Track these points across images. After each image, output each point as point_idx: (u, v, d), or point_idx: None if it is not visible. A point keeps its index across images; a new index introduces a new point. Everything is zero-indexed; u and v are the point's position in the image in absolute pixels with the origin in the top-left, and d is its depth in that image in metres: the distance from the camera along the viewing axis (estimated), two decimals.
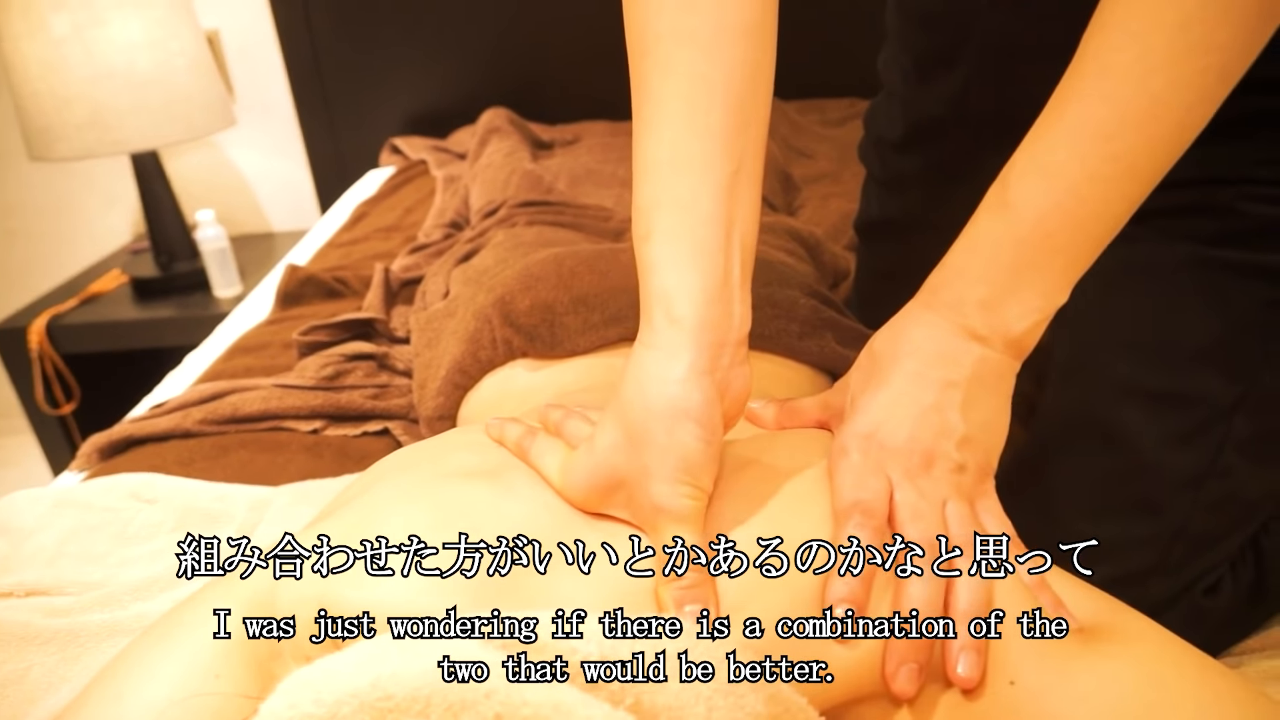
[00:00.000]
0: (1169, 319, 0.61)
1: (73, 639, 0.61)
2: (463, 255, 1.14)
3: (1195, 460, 0.60)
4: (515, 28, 1.84)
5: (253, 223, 2.10)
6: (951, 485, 0.45)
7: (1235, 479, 0.61)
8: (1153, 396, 0.61)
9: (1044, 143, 0.44)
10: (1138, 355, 0.62)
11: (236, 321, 1.26)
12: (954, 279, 0.48)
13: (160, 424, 0.86)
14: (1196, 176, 0.60)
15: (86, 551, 0.70)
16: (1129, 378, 0.61)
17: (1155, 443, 0.60)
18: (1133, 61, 0.41)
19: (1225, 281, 0.59)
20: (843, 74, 1.82)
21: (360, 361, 0.95)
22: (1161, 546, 0.61)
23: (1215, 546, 0.63)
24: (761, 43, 0.45)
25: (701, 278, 0.43)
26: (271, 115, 1.98)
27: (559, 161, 1.57)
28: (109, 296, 1.77)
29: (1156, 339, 0.61)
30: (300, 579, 0.40)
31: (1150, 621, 0.42)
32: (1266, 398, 0.59)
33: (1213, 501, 0.61)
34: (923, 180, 0.84)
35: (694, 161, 0.43)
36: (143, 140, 1.56)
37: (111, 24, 1.52)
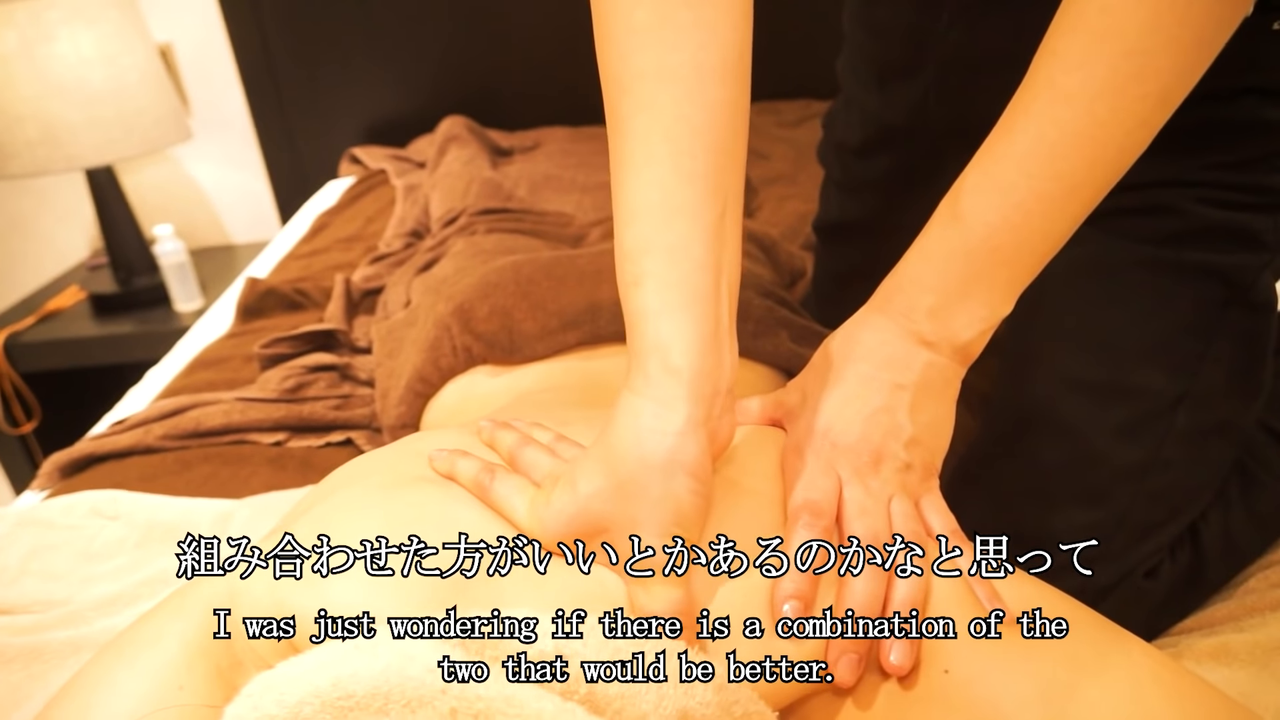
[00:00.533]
0: (1116, 316, 0.63)
1: (37, 656, 0.61)
2: (423, 264, 1.15)
3: (1139, 452, 0.63)
4: (471, 35, 1.85)
5: (212, 235, 2.09)
6: (898, 483, 0.48)
7: (1176, 470, 0.63)
8: (1099, 390, 0.63)
9: (994, 160, 0.46)
10: (1086, 350, 0.64)
11: (197, 336, 1.25)
12: (906, 286, 0.50)
13: (122, 441, 0.86)
14: (1146, 180, 0.62)
15: (49, 570, 0.71)
16: (1077, 372, 0.64)
17: (1101, 434, 0.63)
18: (1078, 87, 0.43)
19: (1171, 281, 0.62)
20: (798, 76, 1.84)
21: (322, 373, 0.96)
22: (1105, 535, 0.64)
23: (1156, 534, 0.66)
24: (741, 82, 0.45)
25: (696, 327, 0.43)
26: (228, 127, 1.97)
27: (518, 168, 1.58)
28: (67, 313, 1.75)
29: (1103, 335, 0.64)
30: (253, 581, 0.41)
31: (1085, 609, 0.44)
32: (1207, 393, 0.62)
33: (1155, 491, 0.64)
34: (882, 185, 0.86)
35: (683, 207, 0.43)
36: (97, 156, 1.55)
37: (60, 40, 1.50)
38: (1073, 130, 0.44)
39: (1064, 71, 0.43)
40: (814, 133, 1.69)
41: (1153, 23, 0.41)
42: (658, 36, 0.42)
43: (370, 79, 1.90)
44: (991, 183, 0.46)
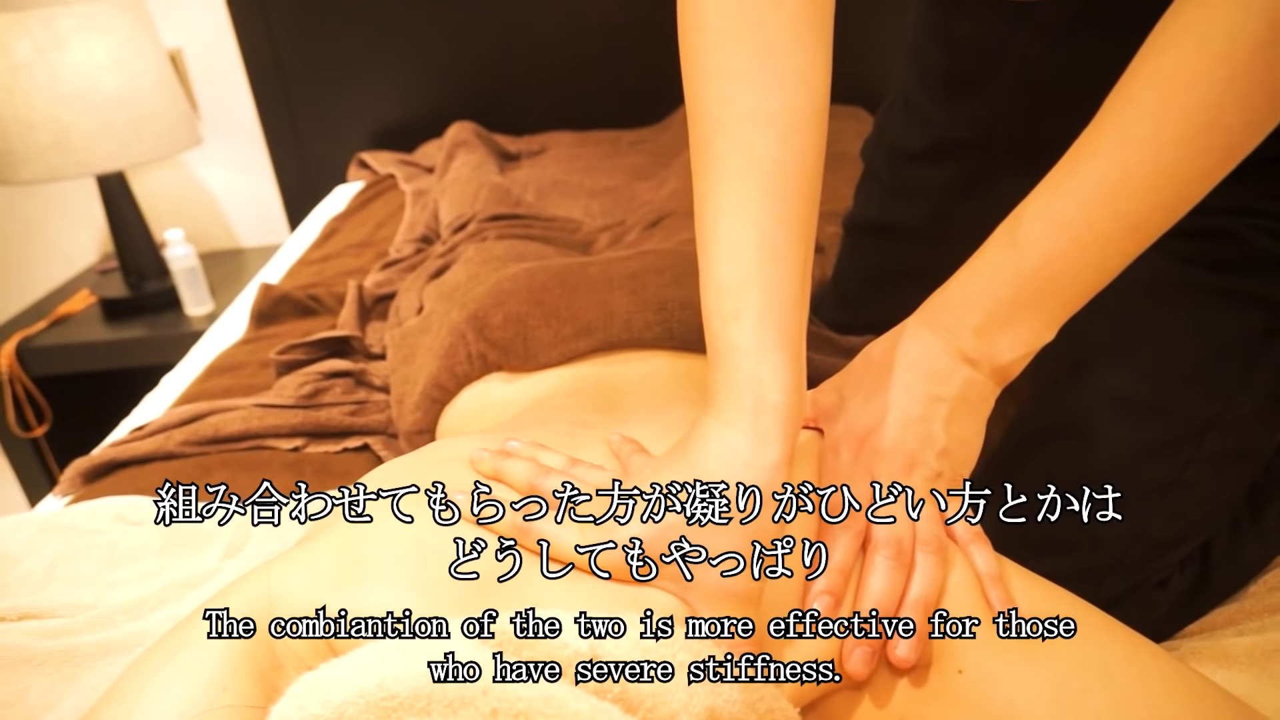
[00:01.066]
0: (1162, 336, 0.65)
1: (68, 659, 0.63)
2: (435, 271, 1.17)
3: (1166, 470, 0.64)
4: (478, 40, 1.87)
5: (222, 240, 2.11)
6: (927, 490, 0.49)
7: (1200, 490, 0.65)
8: (1137, 406, 0.65)
9: (1058, 194, 0.48)
10: (1128, 366, 0.65)
11: (211, 341, 1.27)
12: (955, 303, 0.51)
13: (142, 447, 0.88)
14: (1207, 205, 0.64)
15: (75, 575, 0.72)
16: (1116, 386, 0.65)
17: (1131, 449, 0.64)
18: (1148, 135, 0.44)
19: (1219, 307, 0.63)
20: None
21: (338, 379, 0.97)
22: (1121, 547, 0.65)
23: (1171, 551, 0.67)
24: (824, 130, 0.47)
25: (790, 365, 0.45)
26: (237, 132, 1.99)
27: (526, 173, 1.59)
28: (78, 317, 1.77)
29: (1147, 353, 0.65)
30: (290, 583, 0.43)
31: (1097, 611, 0.45)
32: (1238, 419, 0.63)
33: (1175, 511, 0.65)
34: (934, 194, 0.87)
35: (777, 248, 0.45)
36: (109, 162, 1.56)
37: (74, 47, 1.52)
38: (1138, 175, 0.45)
39: (1136, 119, 0.45)
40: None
41: (1228, 80, 0.42)
42: (756, 82, 0.45)
43: (378, 84, 1.91)
44: (1051, 214, 0.48)
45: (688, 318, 0.77)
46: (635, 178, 1.50)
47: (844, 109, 1.80)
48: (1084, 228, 0.47)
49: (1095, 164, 0.46)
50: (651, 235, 1.16)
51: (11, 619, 0.68)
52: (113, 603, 0.68)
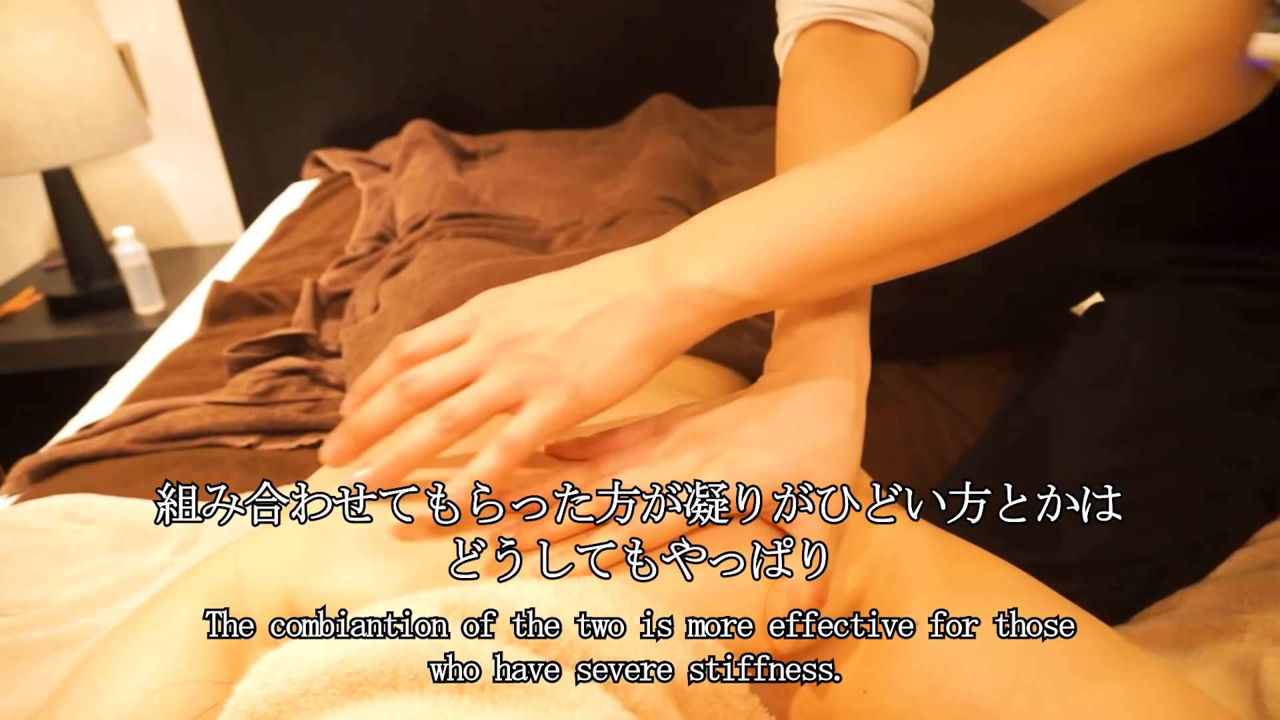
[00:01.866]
0: (1188, 371, 0.66)
1: (16, 655, 0.62)
2: (390, 269, 1.17)
3: (1214, 524, 0.67)
4: (435, 38, 1.86)
5: (173, 237, 2.07)
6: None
7: (1184, 520, 0.67)
8: (1151, 431, 0.66)
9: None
10: (1145, 396, 0.67)
11: (162, 340, 1.25)
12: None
13: (92, 445, 0.87)
14: (1259, 259, 0.66)
15: (25, 572, 0.71)
16: (1141, 414, 0.66)
17: (1189, 502, 0.66)
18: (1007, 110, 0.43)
19: (1254, 356, 0.65)
20: (759, 82, 1.89)
21: (292, 376, 0.97)
22: (1090, 573, 0.66)
23: (1140, 564, 0.68)
24: None
25: None
26: (189, 128, 1.96)
27: (483, 172, 1.59)
28: (23, 316, 1.73)
29: (1174, 389, 0.66)
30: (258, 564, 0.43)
31: (1079, 610, 0.45)
32: (1233, 458, 0.66)
33: (1148, 531, 0.66)
34: None
35: None
36: (55, 157, 1.53)
37: (17, 40, 1.49)
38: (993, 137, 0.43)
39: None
40: (774, 138, 1.74)
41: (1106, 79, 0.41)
42: None
43: (333, 81, 1.90)
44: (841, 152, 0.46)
45: None
46: (592, 178, 1.51)
47: None
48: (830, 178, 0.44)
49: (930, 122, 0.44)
50: (607, 235, 1.17)
51: None
52: (63, 599, 0.67)
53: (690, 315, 0.44)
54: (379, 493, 0.44)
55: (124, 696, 0.38)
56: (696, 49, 1.88)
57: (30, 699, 0.58)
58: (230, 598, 0.43)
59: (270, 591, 0.43)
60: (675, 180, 1.34)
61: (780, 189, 0.46)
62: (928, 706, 0.42)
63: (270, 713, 0.33)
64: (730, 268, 0.44)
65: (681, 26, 1.86)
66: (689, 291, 0.44)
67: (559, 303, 0.45)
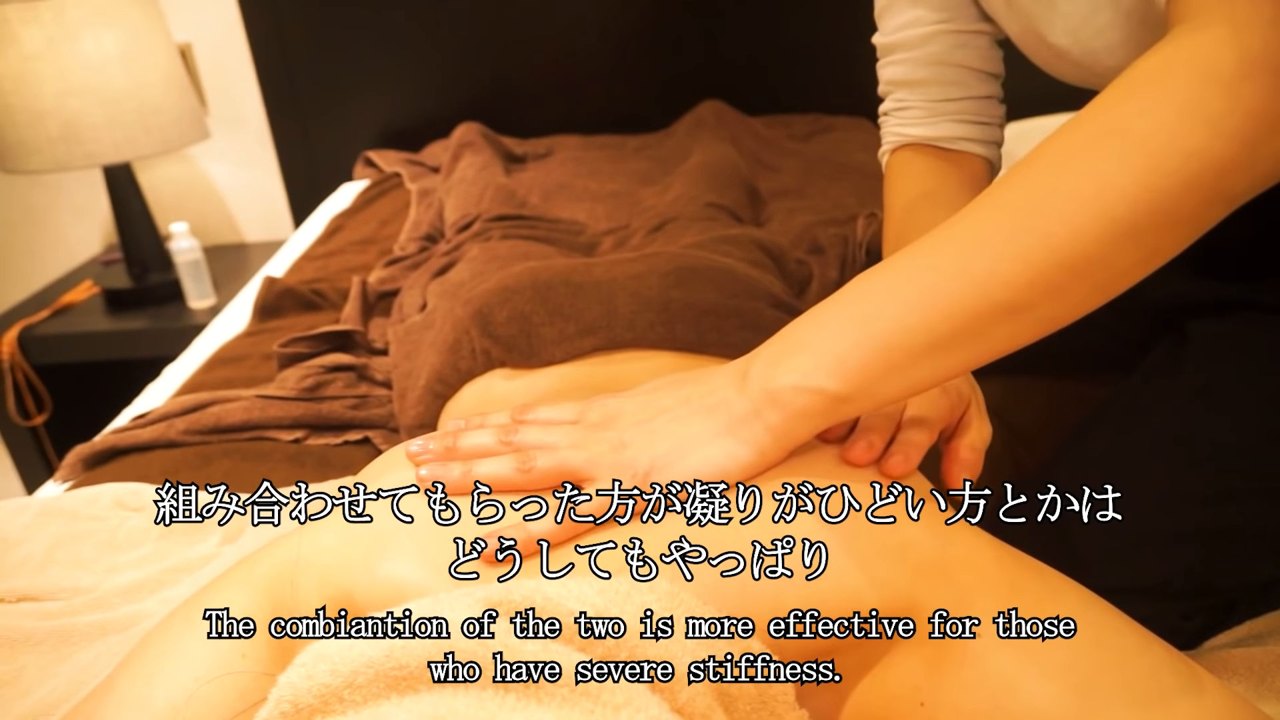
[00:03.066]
0: (1246, 386, 0.64)
1: (64, 639, 0.63)
2: (439, 269, 1.17)
3: (1235, 518, 0.63)
4: (487, 42, 1.88)
5: (225, 234, 2.11)
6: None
7: (1258, 548, 0.64)
8: (1226, 456, 0.63)
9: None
10: (1211, 412, 0.65)
11: (214, 334, 1.27)
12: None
13: (144, 434, 0.88)
14: None
15: (75, 558, 0.72)
16: (1221, 439, 0.64)
17: (1209, 501, 0.63)
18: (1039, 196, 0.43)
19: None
20: (809, 90, 1.87)
21: (340, 373, 0.98)
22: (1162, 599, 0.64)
23: (1216, 593, 0.66)
24: None
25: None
26: (244, 128, 2.00)
27: (531, 175, 1.60)
28: (80, 307, 1.77)
29: (1228, 401, 0.64)
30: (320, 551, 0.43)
31: (1112, 608, 0.45)
32: None
33: (1228, 557, 0.64)
34: None
35: None
36: (116, 153, 1.57)
37: (84, 38, 1.53)
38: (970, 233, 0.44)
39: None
40: (823, 146, 1.72)
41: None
42: None
43: (386, 83, 1.92)
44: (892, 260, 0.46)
45: (691, 319, 0.77)
46: (640, 183, 1.51)
47: (851, 120, 1.81)
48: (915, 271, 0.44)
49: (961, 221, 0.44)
50: (655, 240, 1.17)
51: (10, 601, 0.68)
52: (111, 586, 0.68)
53: (779, 416, 0.45)
54: (379, 493, 0.46)
55: (176, 685, 0.38)
56: (747, 56, 1.87)
57: (78, 682, 0.59)
58: (287, 587, 0.43)
59: (329, 583, 0.43)
60: (724, 187, 1.33)
61: (860, 284, 0.46)
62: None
63: (314, 704, 0.32)
64: (813, 364, 0.44)
65: (733, 33, 1.85)
66: (777, 393, 0.45)
67: (657, 407, 0.48)
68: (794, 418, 0.45)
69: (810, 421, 0.45)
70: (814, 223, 1.31)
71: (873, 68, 0.84)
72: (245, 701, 0.39)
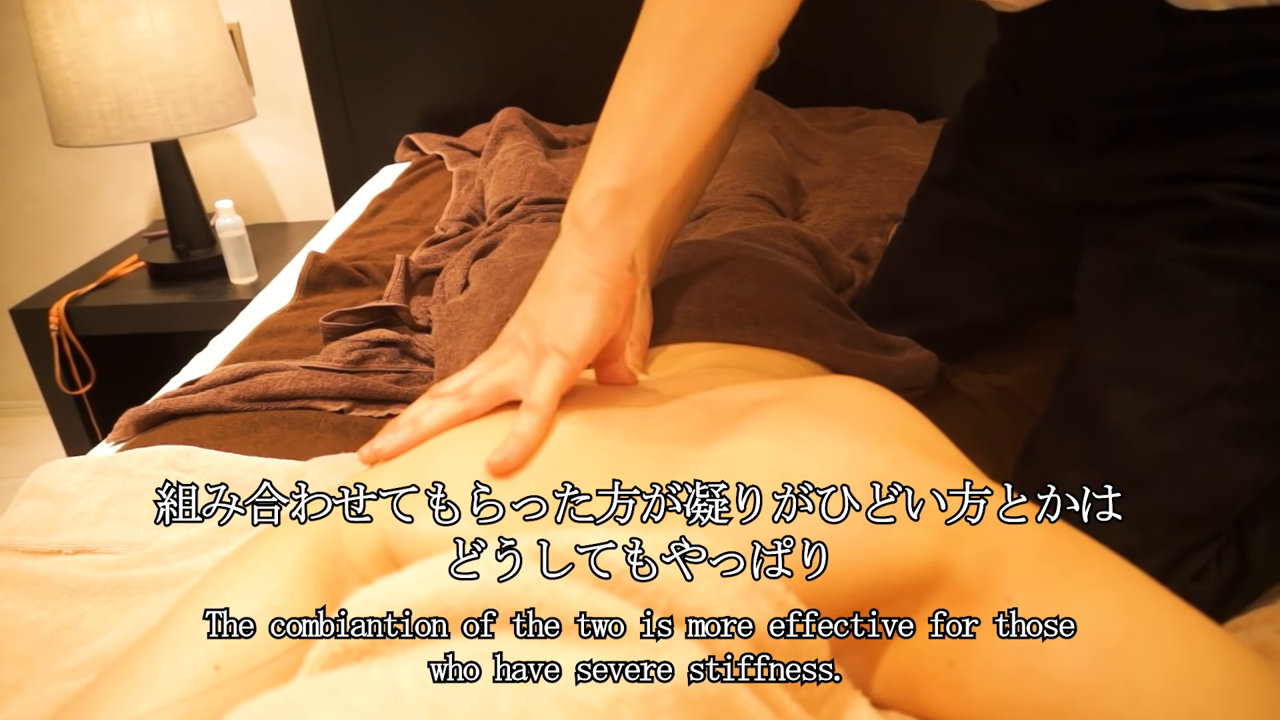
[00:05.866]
0: (1152, 308, 0.66)
1: (121, 590, 0.65)
2: (480, 249, 1.19)
3: (1178, 441, 0.65)
4: (530, 28, 1.89)
5: (268, 213, 2.15)
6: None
7: (1217, 463, 0.65)
8: (1135, 376, 0.66)
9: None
10: (1123, 339, 0.68)
11: (256, 309, 1.30)
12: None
13: (194, 400, 0.91)
14: (1180, 171, 0.65)
15: (129, 515, 0.75)
16: (1115, 362, 0.67)
17: (1138, 421, 0.66)
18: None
19: (1206, 276, 0.64)
20: (851, 83, 1.87)
21: (384, 348, 1.00)
22: (1144, 524, 0.66)
23: (1196, 527, 0.67)
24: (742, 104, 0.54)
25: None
26: (289, 108, 2.02)
27: (572, 161, 1.61)
28: (126, 280, 1.81)
29: (1140, 325, 0.67)
30: (369, 522, 0.44)
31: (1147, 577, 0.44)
32: (1249, 386, 0.64)
33: (1195, 484, 0.65)
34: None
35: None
36: (165, 129, 1.60)
37: (139, 15, 1.56)
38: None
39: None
40: (863, 139, 1.72)
41: None
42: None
43: (429, 67, 1.94)
44: None
45: (730, 309, 0.78)
46: None
47: (892, 114, 1.80)
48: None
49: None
50: (696, 228, 1.17)
51: (67, 553, 0.71)
52: (165, 542, 0.70)
53: (590, 238, 0.52)
54: (379, 493, 0.46)
55: (226, 625, 0.40)
56: (790, 47, 1.86)
57: (135, 635, 0.61)
58: (332, 536, 0.44)
59: (371, 533, 0.44)
60: (765, 177, 1.33)
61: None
62: (1016, 690, 0.41)
63: (362, 645, 0.33)
64: (589, 175, 0.53)
65: None
66: (581, 217, 0.53)
67: (536, 305, 0.54)
68: (599, 229, 0.52)
69: (613, 226, 0.52)
70: (853, 217, 1.31)
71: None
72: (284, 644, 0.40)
